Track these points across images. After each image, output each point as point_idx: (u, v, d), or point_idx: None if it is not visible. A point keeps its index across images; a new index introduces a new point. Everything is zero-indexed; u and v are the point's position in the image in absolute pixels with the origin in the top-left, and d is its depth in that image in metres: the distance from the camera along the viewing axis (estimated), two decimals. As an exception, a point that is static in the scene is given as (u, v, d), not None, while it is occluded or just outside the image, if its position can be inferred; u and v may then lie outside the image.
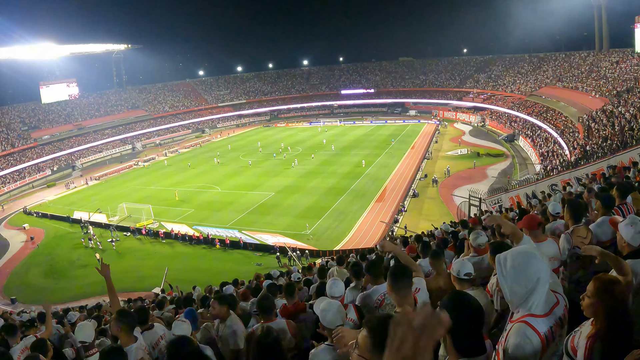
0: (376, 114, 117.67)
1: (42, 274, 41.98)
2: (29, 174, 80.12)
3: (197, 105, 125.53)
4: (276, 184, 59.30)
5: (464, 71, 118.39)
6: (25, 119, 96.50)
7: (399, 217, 44.93)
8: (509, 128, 80.00)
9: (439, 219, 38.66)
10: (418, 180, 56.35)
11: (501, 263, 2.97)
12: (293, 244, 40.12)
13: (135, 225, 49.04)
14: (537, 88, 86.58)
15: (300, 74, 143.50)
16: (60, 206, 61.12)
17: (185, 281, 28.58)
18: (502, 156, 65.12)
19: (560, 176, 32.01)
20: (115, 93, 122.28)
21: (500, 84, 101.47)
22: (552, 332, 2.93)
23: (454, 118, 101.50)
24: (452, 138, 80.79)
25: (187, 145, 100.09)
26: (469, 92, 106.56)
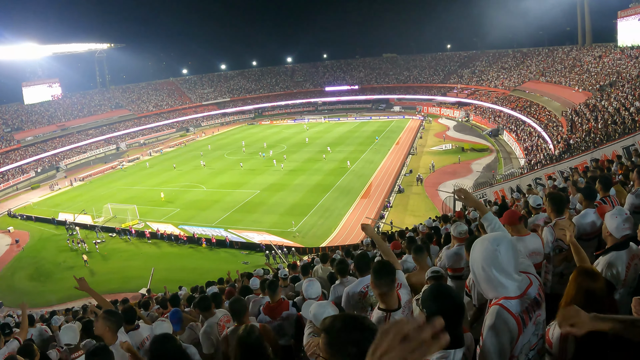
0: (360, 110, 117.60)
1: (28, 277, 41.79)
2: (13, 176, 79.48)
3: (181, 104, 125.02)
4: (261, 182, 59.24)
5: (447, 67, 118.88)
6: (7, 120, 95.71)
7: (385, 213, 45.13)
8: (493, 123, 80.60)
9: (424, 214, 38.96)
10: (403, 175, 56.56)
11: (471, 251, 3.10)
12: (279, 241, 40.20)
13: (120, 226, 48.85)
14: (521, 83, 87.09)
15: (284, 71, 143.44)
16: (45, 208, 60.73)
17: (172, 281, 28.63)
18: (487, 151, 65.64)
19: (544, 170, 32.30)
20: (99, 93, 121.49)
21: (484, 79, 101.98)
22: (527, 312, 2.99)
23: (438, 113, 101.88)
24: (436, 133, 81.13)
25: (172, 144, 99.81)
26: (453, 88, 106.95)
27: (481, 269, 2.99)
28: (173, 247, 43.85)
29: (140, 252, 43.93)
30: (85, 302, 27.11)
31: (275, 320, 6.96)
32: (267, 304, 7.22)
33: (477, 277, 3.05)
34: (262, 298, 8.41)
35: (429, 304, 2.93)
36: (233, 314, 6.15)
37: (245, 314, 6.12)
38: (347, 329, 2.24)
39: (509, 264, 2.96)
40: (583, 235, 6.05)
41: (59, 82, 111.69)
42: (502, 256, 2.94)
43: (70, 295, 35.25)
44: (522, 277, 3.09)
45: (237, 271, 25.93)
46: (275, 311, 7.07)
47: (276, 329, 6.79)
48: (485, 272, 2.97)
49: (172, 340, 4.28)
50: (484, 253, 2.98)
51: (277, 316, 7.00)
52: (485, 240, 3.05)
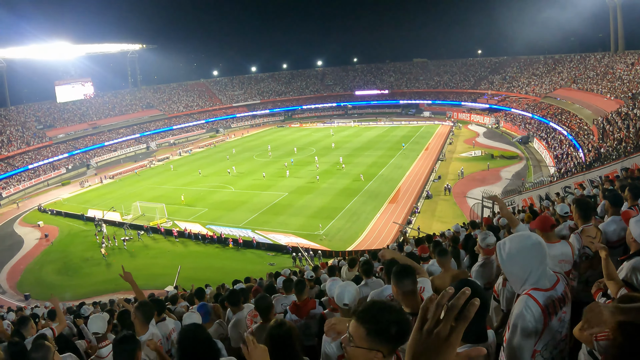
0: (390, 115, 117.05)
1: (55, 271, 42.28)
2: (44, 172, 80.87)
3: (212, 105, 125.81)
4: (289, 184, 59.18)
5: (478, 72, 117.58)
6: (40, 117, 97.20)
7: (412, 219, 44.74)
8: (523, 130, 79.52)
9: (452, 220, 38.41)
10: (432, 181, 56.09)
11: (500, 248, 3.20)
12: (306, 244, 40.00)
13: (148, 224, 49.18)
14: (552, 90, 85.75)
15: (314, 75, 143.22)
16: (75, 204, 61.53)
17: (198, 280, 28.60)
18: (516, 158, 64.64)
19: (574, 178, 31.71)
20: (130, 93, 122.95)
21: (514, 86, 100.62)
22: (554, 305, 3.09)
23: (468, 120, 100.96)
24: (466, 140, 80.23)
25: (201, 145, 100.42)
26: (483, 94, 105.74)
27: (515, 261, 3.12)
28: (200, 247, 43.95)
29: (167, 250, 44.10)
30: (112, 297, 27.33)
31: (301, 319, 6.99)
32: (294, 303, 7.24)
33: (511, 269, 3.18)
34: (287, 297, 8.41)
35: None
36: (259, 311, 6.34)
37: (271, 311, 6.28)
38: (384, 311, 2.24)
39: (540, 262, 3.10)
40: (608, 243, 5.90)
41: (91, 81, 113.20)
42: (536, 250, 3.09)
43: (96, 290, 35.68)
44: (551, 273, 3.24)
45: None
46: (302, 310, 7.11)
47: (302, 327, 6.81)
48: (519, 264, 3.11)
49: (202, 329, 4.28)
50: (519, 245, 3.11)
51: (303, 315, 7.05)
52: (519, 236, 3.18)
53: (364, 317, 2.26)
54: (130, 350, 4.38)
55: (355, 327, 2.26)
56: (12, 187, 73.67)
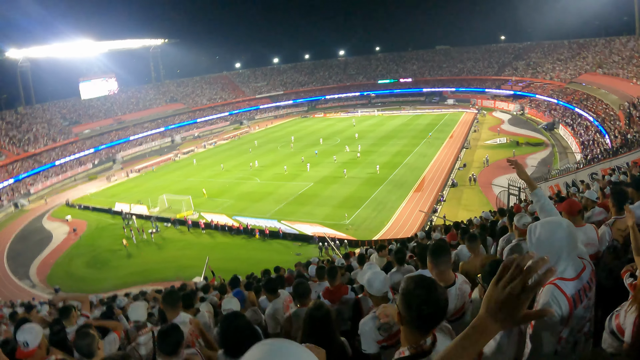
0: (414, 103, 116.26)
1: (84, 264, 42.82)
2: (71, 167, 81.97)
3: (235, 98, 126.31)
4: (314, 174, 59.04)
5: (502, 59, 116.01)
6: (66, 114, 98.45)
7: (438, 207, 44.42)
8: (548, 116, 78.30)
9: (477, 208, 38.20)
10: (457, 169, 55.65)
11: (531, 232, 3.22)
12: (332, 233, 39.91)
13: (175, 216, 49.55)
14: (577, 75, 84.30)
15: (337, 65, 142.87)
16: (102, 198, 62.29)
17: (226, 270, 28.69)
18: (542, 145, 63.69)
19: (601, 165, 31.24)
20: (154, 87, 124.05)
21: (539, 72, 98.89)
22: (579, 295, 3.09)
23: (493, 107, 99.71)
24: (491, 127, 79.33)
25: (226, 137, 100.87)
26: (508, 80, 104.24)
27: (544, 247, 3.11)
28: (227, 238, 44.05)
29: (194, 242, 44.28)
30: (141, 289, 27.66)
31: (334, 304, 7.07)
32: (327, 289, 7.36)
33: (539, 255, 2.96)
34: (320, 284, 8.49)
35: (489, 278, 3.17)
36: (297, 296, 6.47)
37: (308, 296, 6.40)
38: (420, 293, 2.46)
39: (569, 246, 3.12)
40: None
41: (115, 77, 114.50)
42: (566, 238, 3.11)
43: (125, 282, 36.10)
44: (578, 261, 3.20)
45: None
46: (335, 295, 7.29)
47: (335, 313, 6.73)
48: (548, 250, 3.08)
49: (242, 317, 4.36)
50: (550, 231, 3.12)
51: (336, 300, 7.18)
52: (550, 222, 3.22)
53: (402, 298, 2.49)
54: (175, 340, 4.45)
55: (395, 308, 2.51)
56: (39, 183, 74.85)
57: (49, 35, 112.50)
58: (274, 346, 1.50)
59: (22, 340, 4.79)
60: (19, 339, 4.83)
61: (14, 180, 72.88)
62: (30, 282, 41.63)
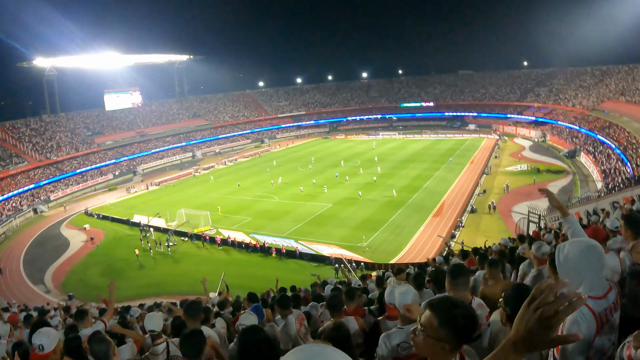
0: (435, 127, 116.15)
1: (99, 273, 42.97)
2: (92, 177, 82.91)
3: (257, 116, 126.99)
4: (333, 195, 58.90)
5: (524, 85, 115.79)
6: (89, 124, 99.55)
7: (456, 233, 44.02)
8: (570, 144, 77.56)
9: (496, 235, 37.76)
10: (477, 195, 55.18)
11: (559, 251, 3.21)
12: (349, 255, 39.65)
13: (193, 231, 49.62)
14: (600, 102, 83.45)
15: (359, 87, 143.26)
16: (121, 209, 62.74)
17: (241, 287, 28.63)
18: (563, 173, 63.10)
19: (622, 193, 30.92)
20: (177, 102, 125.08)
21: (561, 98, 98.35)
22: (606, 315, 3.13)
23: (514, 133, 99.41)
24: (512, 153, 78.99)
25: (246, 154, 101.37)
26: (530, 106, 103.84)
27: (572, 265, 3.12)
28: (243, 255, 43.89)
29: (210, 257, 44.19)
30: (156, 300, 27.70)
31: None
32: (344, 311, 7.20)
33: (567, 273, 3.15)
34: None
35: (512, 301, 3.15)
36: (330, 309, 6.63)
37: (342, 310, 6.56)
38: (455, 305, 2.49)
39: (597, 267, 3.15)
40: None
41: (139, 90, 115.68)
42: (593, 257, 3.12)
43: (140, 293, 36.08)
44: (605, 281, 3.27)
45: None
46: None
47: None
48: (576, 268, 3.10)
49: (261, 330, 4.29)
50: (577, 252, 3.12)
51: None
52: (580, 242, 3.23)
53: (438, 308, 2.47)
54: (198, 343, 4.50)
55: (428, 316, 2.46)
56: (60, 190, 75.82)
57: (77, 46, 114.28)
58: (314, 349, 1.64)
59: (38, 343, 4.77)
60: (34, 341, 4.82)
61: (35, 186, 73.93)
62: (44, 287, 41.94)
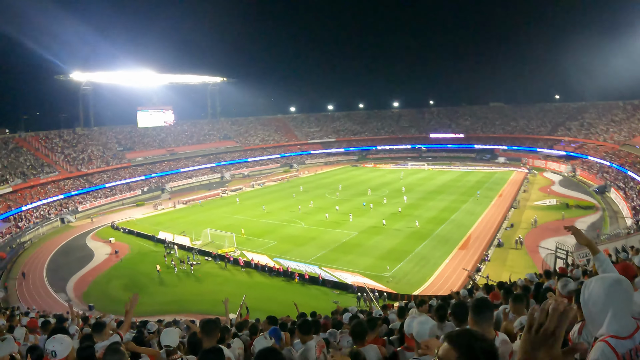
0: (464, 159, 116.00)
1: (121, 287, 43.22)
2: (120, 191, 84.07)
3: (287, 141, 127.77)
4: (360, 223, 58.57)
5: (555, 118, 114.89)
6: (121, 140, 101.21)
7: (482, 266, 43.38)
8: (600, 179, 76.47)
9: (522, 270, 37.16)
10: (504, 229, 54.42)
11: (585, 287, 3.09)
12: (372, 284, 39.25)
13: (217, 251, 49.61)
14: (631, 137, 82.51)
15: (390, 116, 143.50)
16: (147, 225, 63.43)
17: (261, 311, 28.36)
18: (592, 208, 62.01)
19: (653, 230, 30.40)
20: (209, 123, 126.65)
21: (592, 132, 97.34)
22: (630, 355, 2.94)
23: (544, 167, 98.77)
24: (541, 187, 78.29)
25: (275, 178, 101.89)
26: (560, 140, 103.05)
27: (597, 305, 2.99)
28: (265, 278, 43.61)
29: (232, 278, 44.04)
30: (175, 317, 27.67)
31: None
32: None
33: (591, 313, 3.04)
34: None
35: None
36: (354, 335, 6.53)
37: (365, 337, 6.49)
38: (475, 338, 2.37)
39: (624, 304, 2.98)
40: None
41: (172, 109, 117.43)
42: (620, 295, 2.96)
43: (159, 310, 35.97)
44: (632, 320, 3.07)
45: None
46: None
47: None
48: (601, 308, 2.97)
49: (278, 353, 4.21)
50: (603, 289, 2.98)
51: None
52: (606, 278, 3.07)
53: (457, 342, 2.37)
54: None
55: (447, 350, 2.37)
56: (88, 202, 77.09)
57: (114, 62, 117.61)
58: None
59: (51, 349, 4.79)
60: (47, 347, 4.84)
61: (64, 197, 75.38)
62: (66, 295, 42.22)
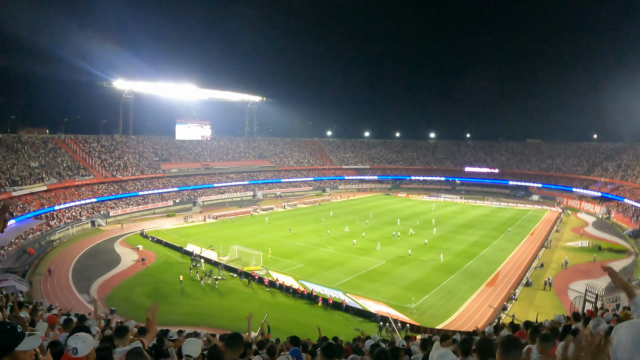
0: (498, 195, 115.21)
1: (145, 294, 43.64)
2: (152, 201, 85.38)
3: (322, 164, 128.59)
4: (387, 252, 58.25)
5: (592, 158, 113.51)
6: (157, 150, 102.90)
7: (508, 305, 42.69)
8: (635, 222, 74.79)
9: (549, 312, 36.53)
10: (533, 268, 53.51)
11: (615, 332, 2.91)
12: (395, 315, 38.91)
13: (243, 268, 49.72)
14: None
15: (425, 146, 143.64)
16: (176, 236, 64.16)
17: (282, 332, 28.35)
18: (625, 252, 60.49)
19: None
20: (245, 141, 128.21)
21: (629, 174, 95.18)
22: None
23: (578, 207, 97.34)
24: (573, 228, 76.86)
25: (307, 201, 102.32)
26: (596, 181, 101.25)
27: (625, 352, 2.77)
28: (289, 299, 43.42)
29: (255, 296, 43.94)
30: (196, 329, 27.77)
31: None
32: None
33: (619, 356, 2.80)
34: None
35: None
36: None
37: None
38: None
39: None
40: None
41: (210, 124, 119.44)
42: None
43: (180, 320, 36.09)
44: None
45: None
46: None
47: None
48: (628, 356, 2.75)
49: None
50: (632, 335, 2.78)
51: None
52: (636, 324, 2.88)
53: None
54: None
55: None
56: (120, 208, 78.61)
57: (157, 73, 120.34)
58: None
59: (73, 346, 4.78)
60: (69, 344, 4.83)
61: (97, 200, 77.06)
62: (89, 297, 42.73)
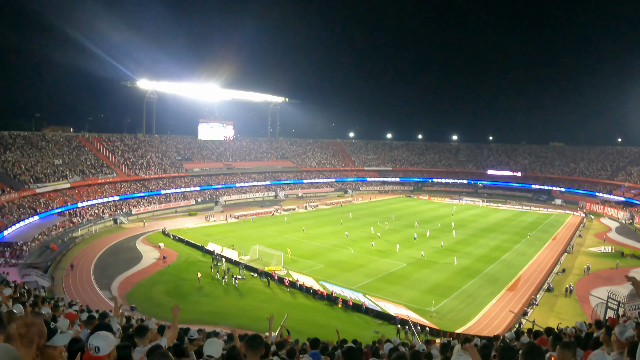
0: (520, 199, 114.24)
1: (165, 292, 43.99)
2: (175, 200, 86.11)
3: (344, 166, 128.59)
4: (407, 255, 58.07)
5: (616, 162, 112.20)
6: (180, 150, 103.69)
7: (529, 310, 42.31)
8: (659, 228, 73.97)
9: (570, 318, 36.18)
10: (555, 274, 52.96)
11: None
12: (415, 318, 38.74)
13: (263, 268, 49.91)
14: (694, 185, 79.53)
15: (448, 149, 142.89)
16: (197, 235, 64.54)
17: (301, 333, 28.36)
18: (648, 259, 59.70)
19: None
20: (267, 141, 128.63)
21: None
22: None
23: (601, 212, 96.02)
24: (596, 233, 75.89)
25: (328, 202, 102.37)
26: (620, 186, 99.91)
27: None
28: (309, 300, 43.42)
29: (275, 297, 44.02)
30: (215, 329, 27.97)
31: None
32: None
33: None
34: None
35: None
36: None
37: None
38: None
39: None
40: None
41: (232, 124, 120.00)
42: None
43: (200, 319, 36.25)
44: None
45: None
46: None
47: None
48: None
49: None
50: None
51: None
52: None
53: None
54: None
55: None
56: (142, 206, 79.46)
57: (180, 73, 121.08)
58: None
59: (95, 344, 4.83)
60: (91, 342, 4.89)
61: (120, 198, 77.91)
62: (109, 294, 43.22)
